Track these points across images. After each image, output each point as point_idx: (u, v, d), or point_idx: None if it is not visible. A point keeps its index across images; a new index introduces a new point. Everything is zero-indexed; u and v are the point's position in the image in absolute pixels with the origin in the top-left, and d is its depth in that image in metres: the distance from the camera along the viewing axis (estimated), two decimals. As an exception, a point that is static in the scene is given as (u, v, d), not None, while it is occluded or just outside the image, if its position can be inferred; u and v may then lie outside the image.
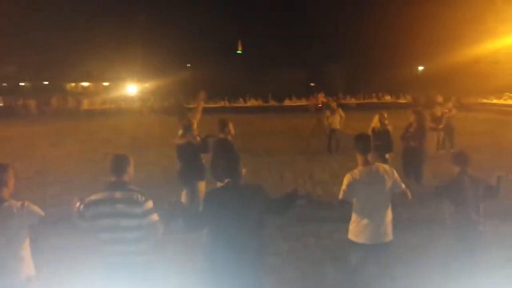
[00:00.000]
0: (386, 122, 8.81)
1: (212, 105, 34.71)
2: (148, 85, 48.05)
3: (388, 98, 37.23)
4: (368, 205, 3.98)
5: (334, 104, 14.83)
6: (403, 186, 4.10)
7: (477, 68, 31.39)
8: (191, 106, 35.17)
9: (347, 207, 4.04)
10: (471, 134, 16.08)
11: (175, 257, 5.42)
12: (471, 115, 24.07)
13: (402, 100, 35.62)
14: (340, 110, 14.12)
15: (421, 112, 8.72)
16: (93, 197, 3.40)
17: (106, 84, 54.75)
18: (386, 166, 4.13)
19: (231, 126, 6.62)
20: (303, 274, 5.12)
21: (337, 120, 13.71)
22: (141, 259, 3.42)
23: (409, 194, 4.08)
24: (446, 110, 13.24)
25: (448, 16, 33.00)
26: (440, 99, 30.43)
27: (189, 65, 58.06)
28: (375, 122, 8.90)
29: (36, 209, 3.33)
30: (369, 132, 8.67)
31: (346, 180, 4.02)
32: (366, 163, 4.02)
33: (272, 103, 36.53)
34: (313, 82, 53.64)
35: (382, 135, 8.48)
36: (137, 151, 13.10)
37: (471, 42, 30.05)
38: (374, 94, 37.88)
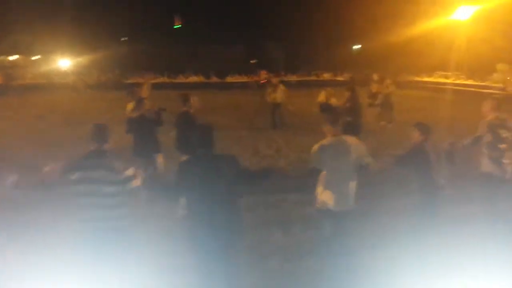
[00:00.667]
0: (331, 97, 9.12)
1: (151, 80, 33.80)
2: (81, 59, 45.76)
3: (326, 75, 38.02)
4: (336, 174, 4.16)
5: (275, 80, 14.95)
6: (370, 157, 4.32)
7: (411, 48, 32.65)
8: (129, 81, 34.23)
9: (315, 174, 4.25)
10: (405, 110, 16.82)
11: (155, 224, 5.58)
12: (405, 93, 25.13)
13: (339, 78, 36.51)
14: (282, 85, 14.26)
15: (354, 89, 9.13)
16: (75, 163, 3.52)
17: (36, 57, 51.60)
18: (354, 138, 4.33)
19: (193, 100, 6.63)
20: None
21: (279, 95, 13.84)
22: (121, 224, 3.57)
23: (375, 165, 4.34)
24: (385, 87, 13.80)
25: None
26: (376, 77, 31.50)
27: (125, 38, 55.96)
28: (321, 97, 9.18)
29: None
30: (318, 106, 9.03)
31: (315, 149, 4.20)
32: (335, 133, 4.22)
33: (214, 79, 36.17)
34: (254, 59, 53.61)
35: (328, 109, 8.80)
36: (73, 127, 12.53)
37: (406, 23, 31.12)
38: (313, 72, 38.55)
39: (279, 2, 48.21)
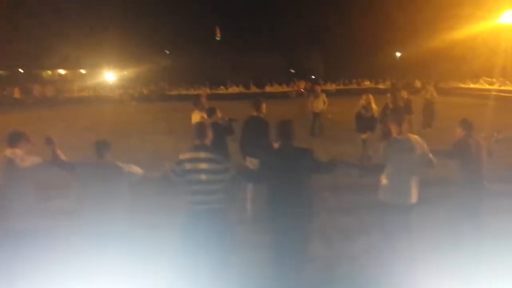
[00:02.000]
0: (368, 103, 9.14)
1: (193, 92, 34.51)
2: (126, 72, 47.36)
3: (367, 83, 37.63)
4: (399, 169, 4.51)
5: (318, 89, 15.10)
6: (430, 155, 4.61)
7: (455, 53, 31.88)
8: (172, 93, 35.11)
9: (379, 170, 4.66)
10: (448, 117, 16.45)
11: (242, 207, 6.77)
12: (448, 99, 24.55)
13: (381, 86, 36.04)
14: (323, 95, 14.42)
15: (396, 95, 9.17)
16: (182, 156, 4.18)
17: (83, 71, 53.82)
18: (417, 137, 4.67)
19: (263, 105, 7.02)
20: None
21: (321, 105, 13.99)
22: (220, 206, 4.19)
23: (434, 162, 4.61)
24: (425, 93, 13.79)
25: (426, 2, 33.37)
26: (418, 83, 31.00)
27: (168, 51, 57.45)
28: (361, 102, 9.26)
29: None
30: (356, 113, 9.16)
31: (382, 146, 4.62)
32: (400, 132, 4.59)
33: (254, 89, 36.51)
34: (293, 68, 53.74)
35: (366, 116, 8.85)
36: (119, 138, 13.07)
37: (449, 28, 30.42)
38: (354, 80, 38.23)
39: (318, 12, 48.23)
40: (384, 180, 4.62)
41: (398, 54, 45.58)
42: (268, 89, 36.42)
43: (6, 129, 4.57)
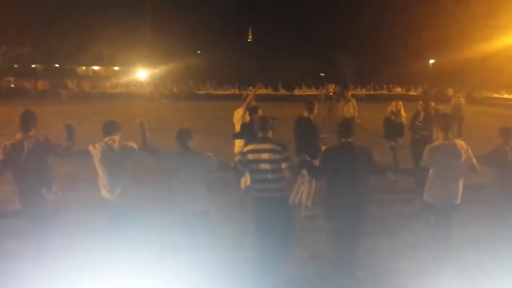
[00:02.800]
0: (397, 110, 9.08)
1: (221, 92, 34.83)
2: (158, 70, 48.16)
3: (398, 90, 37.13)
4: (444, 173, 4.64)
5: (348, 94, 15.04)
6: (474, 160, 4.73)
7: (489, 63, 31.20)
8: (201, 92, 35.49)
9: (424, 174, 4.78)
10: (480, 127, 16.12)
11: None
12: (482, 109, 24.03)
13: (412, 93, 35.50)
14: (354, 100, 14.37)
15: (428, 103, 9.06)
16: (246, 148, 4.58)
17: (116, 68, 54.98)
18: (463, 142, 4.78)
19: (316, 107, 7.14)
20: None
21: (351, 109, 13.94)
22: (280, 195, 4.49)
23: (478, 168, 4.74)
24: (455, 101, 13.67)
25: (461, 11, 32.79)
26: (451, 92, 30.41)
27: (199, 51, 58.09)
28: (391, 109, 9.23)
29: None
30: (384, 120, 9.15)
31: (427, 151, 4.69)
32: (446, 138, 4.68)
33: (282, 91, 36.53)
34: (323, 72, 53.50)
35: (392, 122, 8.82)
36: (149, 134, 13.37)
37: (484, 38, 29.83)
38: (384, 86, 37.76)
39: (350, 17, 47.92)
40: (429, 183, 4.77)
41: (431, 61, 44.81)
42: (297, 91, 36.38)
43: (41, 122, 4.78)
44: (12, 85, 37.11)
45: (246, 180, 6.92)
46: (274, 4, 59.71)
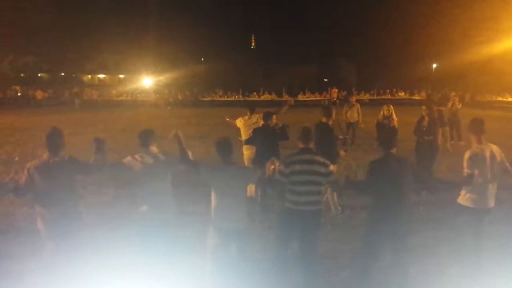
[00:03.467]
0: (389, 114, 9.18)
1: (226, 98, 35.03)
2: (162, 78, 48.53)
3: (402, 94, 37.18)
4: (480, 176, 4.65)
5: (353, 99, 15.23)
6: (507, 164, 4.82)
7: (493, 66, 31.22)
8: (206, 99, 35.72)
9: (472, 179, 4.66)
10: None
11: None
12: (485, 113, 24.01)
13: (416, 97, 35.55)
14: (358, 105, 14.57)
15: (432, 108, 9.14)
16: (289, 159, 4.38)
17: (121, 76, 55.39)
18: (495, 146, 4.86)
19: (334, 112, 7.23)
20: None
21: (355, 114, 14.12)
22: (318, 207, 4.45)
23: (511, 171, 4.83)
24: (450, 104, 13.76)
25: (463, 15, 32.83)
26: (454, 95, 30.40)
27: (203, 59, 58.44)
28: (383, 113, 9.33)
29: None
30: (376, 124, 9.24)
31: (467, 158, 4.69)
32: (479, 142, 4.76)
33: (286, 97, 36.71)
34: (326, 78, 53.72)
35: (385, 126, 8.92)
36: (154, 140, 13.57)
37: (487, 41, 29.87)
38: (388, 90, 37.83)
39: (353, 22, 48.09)
40: (468, 187, 4.78)
41: (434, 65, 44.89)
42: (300, 97, 36.53)
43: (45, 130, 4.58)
44: (19, 94, 37.50)
45: (251, 189, 7.02)
46: (277, 11, 60.00)
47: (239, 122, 8.31)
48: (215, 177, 4.22)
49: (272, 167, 4.47)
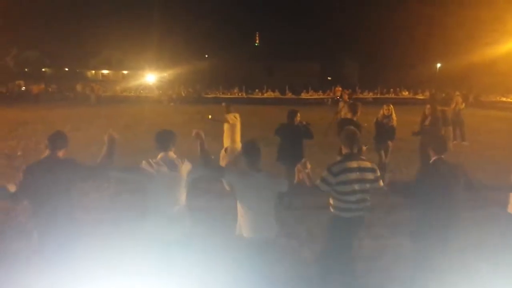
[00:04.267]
0: (389, 113, 9.15)
1: (229, 95, 34.99)
2: (166, 74, 48.53)
3: (405, 93, 37.09)
4: None
5: (345, 97, 15.20)
6: None
7: (497, 67, 31.12)
8: (209, 96, 35.71)
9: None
10: (488, 131, 16.12)
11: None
12: (490, 113, 23.97)
13: (420, 96, 35.45)
14: (356, 102, 14.53)
15: (436, 107, 9.14)
16: (334, 167, 4.08)
17: (125, 72, 55.45)
18: None
19: (360, 109, 7.34)
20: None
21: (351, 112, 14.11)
22: (365, 213, 4.27)
23: None
24: (453, 104, 13.77)
25: (469, 15, 32.75)
26: (458, 95, 30.29)
27: (207, 55, 58.43)
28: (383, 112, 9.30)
29: None
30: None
31: None
32: None
33: (289, 95, 36.65)
34: (330, 76, 53.64)
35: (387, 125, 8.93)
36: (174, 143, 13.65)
37: (491, 41, 29.82)
38: (391, 89, 37.74)
39: (357, 21, 47.97)
40: None
41: (438, 65, 44.74)
42: (303, 95, 36.47)
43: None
44: (23, 88, 37.57)
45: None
46: (281, 8, 59.84)
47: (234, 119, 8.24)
48: (243, 183, 3.86)
49: (307, 169, 4.08)
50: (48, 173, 3.77)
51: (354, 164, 4.11)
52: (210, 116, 8.57)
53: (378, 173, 4.23)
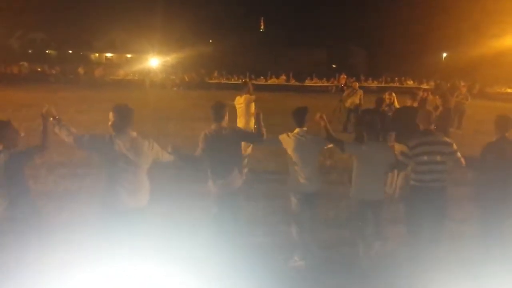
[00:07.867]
0: (391, 102, 9.03)
1: (233, 81, 34.86)
2: (170, 58, 48.26)
3: (410, 83, 36.83)
4: None
5: (355, 85, 15.14)
6: None
7: (503, 58, 30.86)
8: (212, 81, 35.61)
9: None
10: (486, 121, 16.06)
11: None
12: (495, 104, 23.84)
13: (425, 86, 35.20)
14: (361, 91, 14.47)
15: (445, 96, 9.09)
16: (413, 142, 4.67)
17: (129, 56, 55.24)
18: None
19: (419, 97, 7.89)
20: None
21: (356, 100, 14.05)
22: (442, 184, 4.69)
23: None
24: (457, 95, 13.89)
25: (476, 6, 32.46)
26: (462, 85, 30.09)
27: (211, 40, 58.08)
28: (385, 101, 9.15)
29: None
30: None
31: None
32: None
33: (293, 82, 36.46)
34: (335, 63, 53.30)
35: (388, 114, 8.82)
36: (159, 121, 13.60)
37: (498, 33, 29.55)
38: (396, 78, 37.47)
39: (363, 9, 47.54)
40: None
41: (444, 54, 44.38)
42: (307, 82, 36.27)
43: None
44: (27, 69, 37.55)
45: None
46: (288, -6, 59.32)
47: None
48: (360, 151, 4.73)
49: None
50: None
51: (430, 138, 4.70)
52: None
53: (454, 147, 4.68)
